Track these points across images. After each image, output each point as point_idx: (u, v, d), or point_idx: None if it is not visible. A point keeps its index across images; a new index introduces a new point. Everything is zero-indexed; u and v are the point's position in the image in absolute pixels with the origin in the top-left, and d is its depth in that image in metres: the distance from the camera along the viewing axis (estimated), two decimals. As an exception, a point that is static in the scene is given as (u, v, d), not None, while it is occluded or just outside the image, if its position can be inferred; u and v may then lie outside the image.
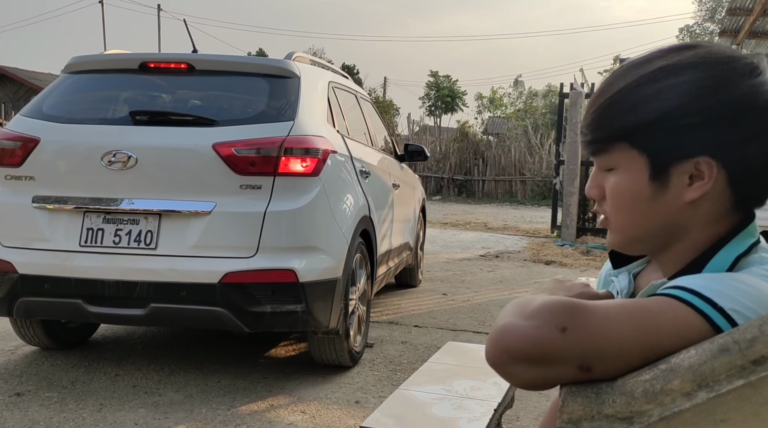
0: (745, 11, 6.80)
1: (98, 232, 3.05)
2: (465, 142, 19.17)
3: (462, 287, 5.97)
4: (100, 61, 3.55)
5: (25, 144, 3.14)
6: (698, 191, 0.76)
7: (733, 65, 0.76)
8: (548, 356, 0.66)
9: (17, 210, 3.14)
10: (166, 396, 3.11)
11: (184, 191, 3.04)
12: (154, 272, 2.97)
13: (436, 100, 36.85)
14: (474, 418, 1.92)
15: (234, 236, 2.99)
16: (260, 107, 3.25)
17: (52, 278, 3.02)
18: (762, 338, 0.63)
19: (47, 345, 3.66)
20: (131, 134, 3.12)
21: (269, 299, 2.98)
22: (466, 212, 14.19)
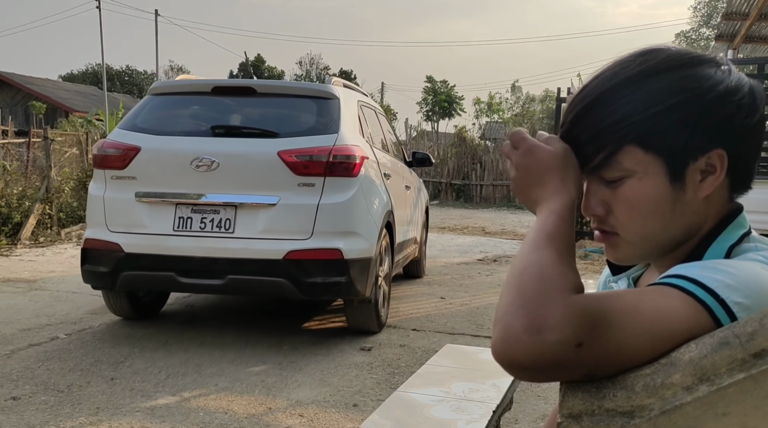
0: (741, 16, 6.83)
1: (187, 220, 3.85)
2: (463, 147, 19.19)
3: (460, 291, 5.96)
4: (179, 86, 4.38)
5: (127, 152, 3.94)
6: (712, 185, 0.77)
7: (708, 62, 0.78)
8: (559, 369, 0.65)
9: (122, 203, 3.93)
10: (163, 399, 3.10)
11: (255, 188, 3.83)
12: (232, 250, 3.76)
13: (434, 105, 36.91)
14: (472, 420, 1.91)
15: (294, 222, 3.79)
16: (311, 122, 4.06)
17: (151, 255, 3.81)
18: (762, 331, 0.63)
19: (129, 314, 4.42)
20: (213, 143, 3.93)
21: (320, 272, 3.76)
22: (463, 216, 14.19)
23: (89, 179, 9.41)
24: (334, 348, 4.03)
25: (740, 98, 0.76)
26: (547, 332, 0.63)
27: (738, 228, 0.79)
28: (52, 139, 9.46)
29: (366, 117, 4.75)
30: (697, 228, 0.80)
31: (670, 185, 0.76)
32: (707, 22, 30.99)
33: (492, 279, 6.71)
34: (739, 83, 0.77)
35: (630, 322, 0.66)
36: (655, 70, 0.76)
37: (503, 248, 9.08)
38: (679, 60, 0.77)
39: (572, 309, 0.64)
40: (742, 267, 0.71)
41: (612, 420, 0.67)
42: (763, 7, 6.53)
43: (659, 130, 0.74)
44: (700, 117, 0.74)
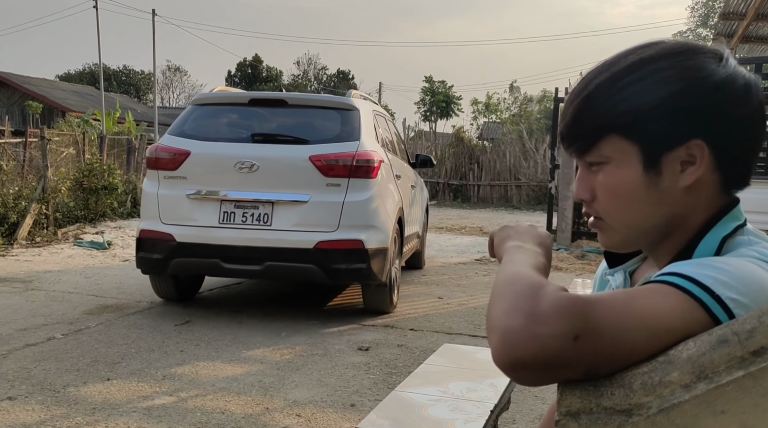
0: (738, 16, 6.84)
1: (231, 214, 4.41)
2: (460, 147, 19.17)
3: (458, 291, 5.96)
4: (219, 98, 4.93)
5: (179, 155, 4.51)
6: (692, 176, 0.77)
7: (705, 53, 0.78)
8: (559, 365, 0.65)
9: (174, 199, 4.48)
10: (160, 400, 3.09)
11: (289, 187, 4.40)
12: (269, 240, 4.33)
13: (432, 105, 36.91)
14: (470, 420, 1.91)
15: (323, 217, 4.35)
16: (336, 131, 4.61)
17: (200, 244, 4.38)
18: (761, 329, 0.62)
19: (173, 296, 4.97)
20: (253, 148, 4.50)
21: (345, 260, 4.34)
22: (461, 216, 14.19)
23: (86, 179, 9.44)
24: (331, 348, 4.02)
25: (726, 90, 0.75)
26: (543, 325, 0.63)
27: (732, 220, 0.79)
28: (49, 139, 9.43)
29: (379, 124, 5.34)
30: (682, 219, 0.79)
31: (644, 172, 0.77)
32: (705, 23, 31.05)
33: (489, 279, 6.71)
34: (729, 75, 0.76)
35: (623, 317, 0.66)
36: (641, 63, 0.78)
37: (501, 248, 9.07)
38: (668, 51, 0.78)
39: (564, 302, 0.65)
40: (736, 264, 0.71)
41: (610, 418, 0.67)
42: (760, 8, 6.54)
43: (637, 118, 0.76)
44: (677, 106, 0.75)
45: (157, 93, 32.88)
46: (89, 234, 8.67)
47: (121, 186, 10.44)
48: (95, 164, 9.80)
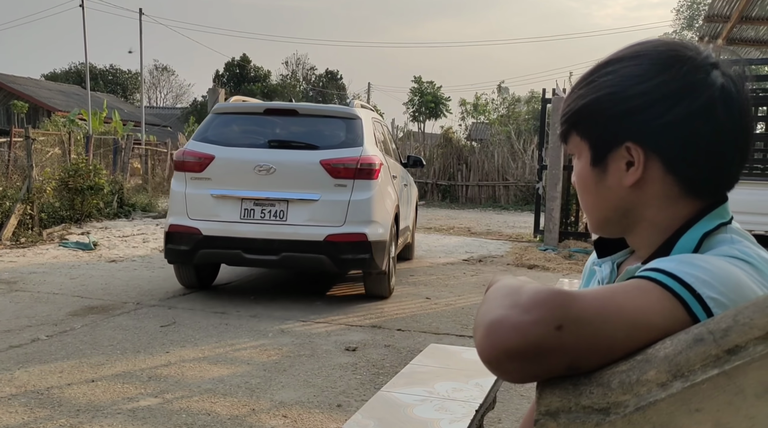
0: (722, 18, 6.91)
1: (251, 211, 4.97)
2: (449, 147, 19.21)
3: (445, 292, 5.97)
4: (237, 107, 5.52)
5: (204, 159, 5.05)
6: (632, 176, 0.79)
7: (664, 56, 0.78)
8: (543, 355, 0.65)
9: (199, 198, 5.01)
10: (145, 401, 3.07)
11: (302, 188, 4.97)
12: (285, 234, 4.89)
13: (420, 105, 36.95)
14: (455, 419, 1.91)
15: (331, 213, 4.92)
16: (342, 138, 5.22)
17: (223, 237, 4.93)
18: (736, 327, 0.63)
19: (194, 284, 5.52)
20: (270, 153, 5.07)
21: (351, 251, 4.90)
22: (449, 217, 14.21)
23: (71, 179, 9.36)
24: (318, 349, 4.01)
25: (655, 94, 0.76)
26: (525, 314, 0.65)
27: (716, 218, 0.79)
28: (34, 138, 9.34)
29: (377, 130, 5.96)
30: (635, 213, 0.82)
31: (591, 168, 0.83)
32: (690, 25, 31.34)
33: (477, 279, 6.73)
34: (666, 80, 0.76)
35: (605, 309, 0.67)
36: (599, 66, 0.82)
37: (488, 249, 9.10)
38: (623, 56, 0.80)
39: (545, 293, 0.66)
40: (717, 264, 0.71)
41: (588, 417, 0.67)
42: (743, 10, 6.61)
43: (583, 119, 0.82)
44: (610, 110, 0.78)
45: (144, 93, 32.69)
46: (75, 235, 8.60)
47: (108, 186, 10.37)
48: (81, 164, 9.72)
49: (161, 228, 9.60)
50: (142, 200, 12.04)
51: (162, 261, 7.07)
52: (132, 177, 15.68)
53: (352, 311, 5.02)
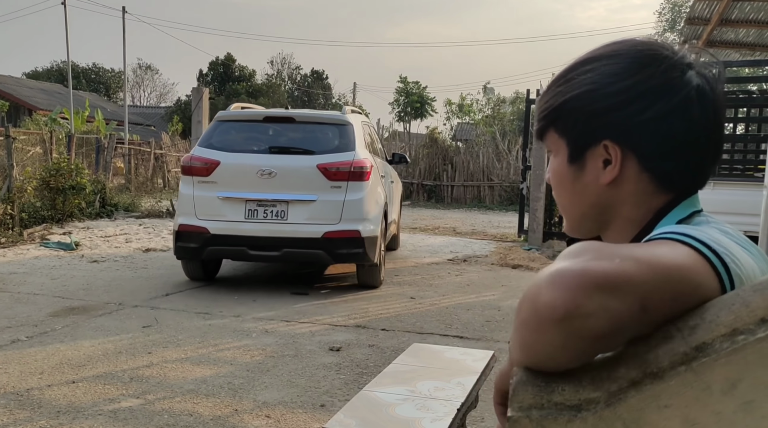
0: (703, 21, 6.99)
1: (254, 211, 5.42)
2: (434, 148, 19.26)
3: (430, 291, 5.98)
4: (239, 115, 5.98)
5: (210, 164, 5.50)
6: (610, 174, 0.80)
7: (642, 55, 0.79)
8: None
9: (207, 200, 5.45)
10: (126, 402, 3.05)
11: (301, 190, 5.42)
12: (286, 231, 5.37)
13: (406, 106, 36.99)
14: (437, 418, 1.92)
15: (328, 213, 5.38)
16: (336, 143, 5.68)
17: (230, 235, 5.37)
18: (704, 325, 0.64)
19: (201, 277, 5.92)
20: (271, 159, 5.52)
21: (346, 246, 5.37)
22: (435, 217, 14.25)
23: (53, 179, 9.26)
24: (302, 348, 4.01)
25: (632, 93, 0.77)
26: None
27: (688, 207, 0.81)
28: (15, 137, 9.22)
29: (367, 132, 6.40)
30: (611, 210, 0.83)
31: (568, 165, 0.83)
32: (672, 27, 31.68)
33: (461, 279, 6.75)
34: (641, 79, 0.76)
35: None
36: (578, 63, 0.82)
37: (473, 249, 9.14)
38: (603, 54, 0.81)
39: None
40: (707, 230, 0.73)
41: (560, 414, 0.68)
42: (723, 13, 6.70)
43: (561, 116, 0.82)
44: (588, 108, 0.79)
45: (127, 91, 32.40)
46: (56, 235, 8.50)
47: (90, 186, 10.27)
48: (63, 164, 9.61)
49: (144, 228, 9.53)
50: (124, 200, 11.93)
51: (144, 261, 7.02)
52: (115, 177, 15.53)
53: (337, 312, 5.02)
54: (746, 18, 7.00)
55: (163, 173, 17.87)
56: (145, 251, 7.69)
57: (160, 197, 13.84)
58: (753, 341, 0.61)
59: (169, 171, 18.04)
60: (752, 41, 7.97)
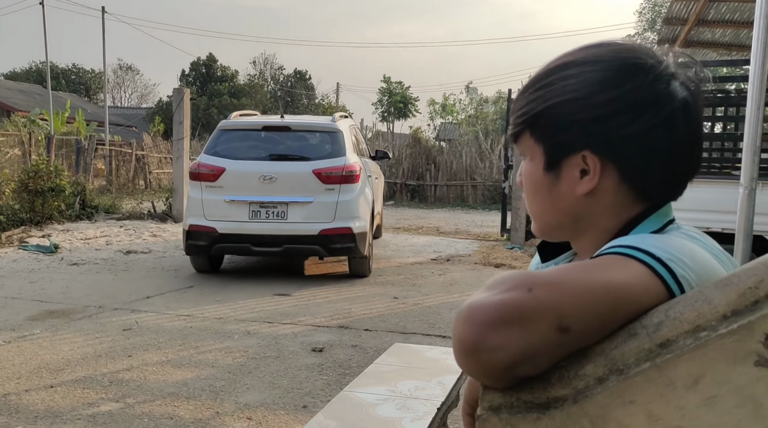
0: (680, 21, 7.08)
1: (257, 212, 6.04)
2: (417, 147, 19.28)
3: (413, 291, 5.99)
4: (239, 124, 6.63)
5: (217, 171, 6.10)
6: (587, 185, 0.77)
7: (627, 63, 0.77)
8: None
9: (214, 202, 6.06)
10: (106, 406, 3.01)
11: (299, 192, 6.06)
12: (286, 230, 6.00)
13: (389, 106, 37.00)
14: (417, 418, 1.92)
15: (323, 212, 6.02)
16: (328, 150, 6.33)
17: (235, 234, 5.99)
18: (667, 322, 0.65)
19: (207, 270, 6.52)
20: (271, 165, 6.16)
21: (339, 241, 6.02)
22: (418, 216, 14.27)
23: (32, 181, 9.13)
24: (284, 350, 3.99)
25: (619, 104, 0.75)
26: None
27: (661, 217, 0.80)
28: (-8, 139, 9.07)
29: (354, 135, 7.10)
30: (590, 221, 0.81)
31: (544, 172, 0.80)
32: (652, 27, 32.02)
33: (445, 279, 6.77)
34: (630, 90, 0.75)
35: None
36: (560, 67, 0.79)
37: (456, 248, 9.17)
38: (588, 59, 0.78)
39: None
40: (670, 239, 0.73)
41: (529, 412, 0.69)
42: (700, 13, 6.78)
43: (539, 121, 0.79)
44: (570, 116, 0.76)
45: (108, 92, 32.05)
46: (35, 237, 8.38)
47: (69, 188, 10.14)
48: (42, 165, 9.48)
49: (125, 230, 9.43)
50: (105, 202, 11.80)
51: (125, 264, 6.95)
52: (95, 178, 15.35)
53: (320, 312, 5.01)
54: (722, 18, 7.10)
55: (144, 174, 17.70)
56: (126, 254, 7.61)
57: (142, 199, 13.71)
58: (715, 337, 0.62)
59: (150, 172, 17.88)
60: (729, 41, 8.09)
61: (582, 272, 0.68)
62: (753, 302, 0.62)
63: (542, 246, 0.95)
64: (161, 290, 5.63)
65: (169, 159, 16.02)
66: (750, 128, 3.23)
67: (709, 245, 0.77)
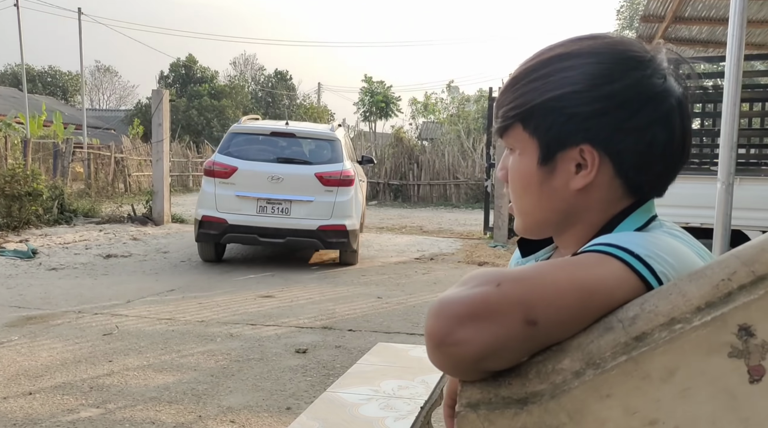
0: (657, 18, 7.15)
1: (264, 207, 6.86)
2: (400, 147, 19.30)
3: (397, 290, 5.99)
4: (250, 129, 7.53)
5: (230, 169, 6.91)
6: (583, 180, 0.76)
7: (625, 57, 0.76)
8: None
9: (226, 197, 6.85)
10: (86, 412, 2.97)
11: (301, 192, 6.89)
12: (289, 224, 6.80)
13: (371, 106, 36.97)
14: (400, 417, 1.92)
15: (322, 211, 6.83)
16: (328, 155, 7.21)
17: (244, 225, 6.76)
18: (642, 315, 0.65)
19: (213, 258, 7.37)
20: (279, 167, 7.01)
21: (334, 236, 6.89)
22: (401, 216, 14.28)
23: (8, 186, 9.00)
24: (268, 352, 3.97)
25: (618, 98, 0.75)
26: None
27: (644, 214, 0.79)
28: (-34, 143, 8.91)
29: (348, 142, 8.10)
30: (578, 217, 0.80)
31: (538, 167, 0.78)
32: (630, 25, 32.37)
33: (428, 277, 6.78)
34: (630, 84, 0.75)
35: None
36: (556, 59, 0.77)
37: (440, 247, 9.18)
38: (587, 51, 0.77)
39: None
40: (652, 237, 0.73)
41: (507, 407, 0.68)
42: (677, 11, 6.86)
43: (535, 113, 0.77)
44: (570, 109, 0.75)
45: (85, 95, 31.66)
46: (12, 243, 8.24)
47: (47, 192, 9.99)
48: (18, 169, 9.34)
49: (105, 234, 9.31)
50: (84, 206, 11.64)
51: (105, 268, 6.86)
52: (74, 182, 15.15)
53: (303, 313, 4.98)
54: (699, 15, 7.19)
55: (124, 177, 17.50)
56: (106, 258, 7.52)
57: (121, 202, 13.55)
58: (689, 329, 0.62)
59: (130, 175, 17.68)
60: (705, 38, 8.19)
61: (555, 268, 0.68)
62: (726, 294, 0.63)
63: (522, 241, 0.94)
64: (142, 294, 5.57)
65: (149, 162, 15.85)
66: (726, 123, 3.27)
67: (692, 243, 0.77)
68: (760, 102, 7.25)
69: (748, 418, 0.60)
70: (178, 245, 8.61)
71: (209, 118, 31.06)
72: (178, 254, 7.93)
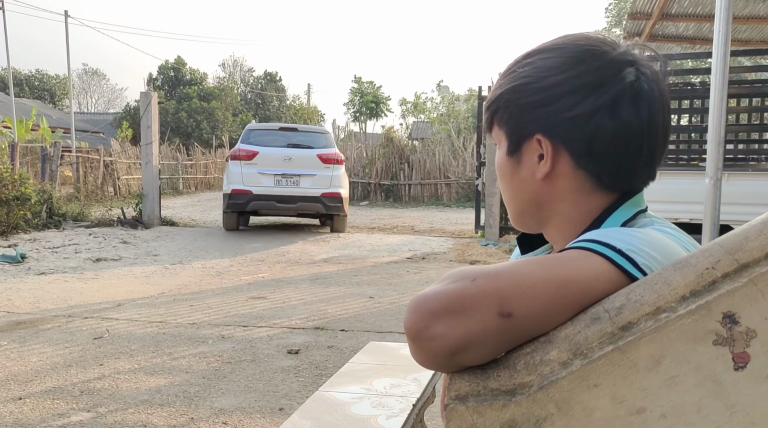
0: (645, 15, 7.20)
1: (280, 180, 9.41)
2: (390, 147, 19.29)
3: (389, 290, 5.99)
4: (262, 126, 10.98)
5: (253, 154, 9.45)
6: (542, 169, 0.79)
7: (580, 50, 0.78)
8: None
9: (250, 174, 9.31)
10: (77, 416, 2.95)
11: (308, 168, 9.51)
12: (299, 192, 9.43)
13: (361, 106, 36.94)
14: (393, 415, 1.92)
15: (323, 182, 9.49)
16: (324, 143, 10.00)
17: (265, 194, 9.28)
18: (628, 305, 0.65)
19: (235, 227, 10.01)
20: (289, 151, 9.63)
21: (333, 201, 9.50)
22: (393, 216, 14.28)
23: (-5, 190, 8.91)
24: (260, 353, 3.96)
25: (561, 88, 0.76)
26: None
27: (632, 207, 0.80)
28: (-48, 148, 8.82)
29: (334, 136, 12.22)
30: (548, 206, 0.82)
31: (507, 157, 0.83)
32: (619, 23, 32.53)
33: (420, 277, 6.79)
34: (577, 74, 0.76)
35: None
36: (523, 56, 0.82)
37: (431, 246, 9.19)
38: (546, 47, 0.80)
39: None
40: (637, 231, 0.73)
41: (495, 399, 0.69)
42: (664, 8, 6.91)
43: (500, 108, 0.82)
44: (521, 101, 0.79)
45: (73, 98, 31.43)
46: (1, 248, 8.17)
47: (35, 196, 9.92)
48: (5, 174, 9.27)
49: (94, 237, 9.25)
50: (73, 209, 11.56)
51: (95, 272, 6.82)
52: (63, 186, 15.03)
53: (295, 314, 4.97)
54: (686, 12, 7.24)
55: (113, 181, 17.39)
56: (96, 261, 7.47)
57: (111, 205, 13.46)
58: (674, 318, 0.62)
59: (119, 178, 17.57)
60: (692, 35, 8.25)
61: (533, 263, 0.69)
62: (710, 283, 0.63)
63: (522, 238, 0.96)
64: (133, 297, 5.54)
65: (139, 164, 15.76)
66: (714, 119, 3.29)
67: (680, 237, 0.78)
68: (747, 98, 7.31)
69: (733, 405, 0.61)
70: (169, 248, 8.57)
71: (199, 120, 30.93)
72: (169, 257, 7.90)
